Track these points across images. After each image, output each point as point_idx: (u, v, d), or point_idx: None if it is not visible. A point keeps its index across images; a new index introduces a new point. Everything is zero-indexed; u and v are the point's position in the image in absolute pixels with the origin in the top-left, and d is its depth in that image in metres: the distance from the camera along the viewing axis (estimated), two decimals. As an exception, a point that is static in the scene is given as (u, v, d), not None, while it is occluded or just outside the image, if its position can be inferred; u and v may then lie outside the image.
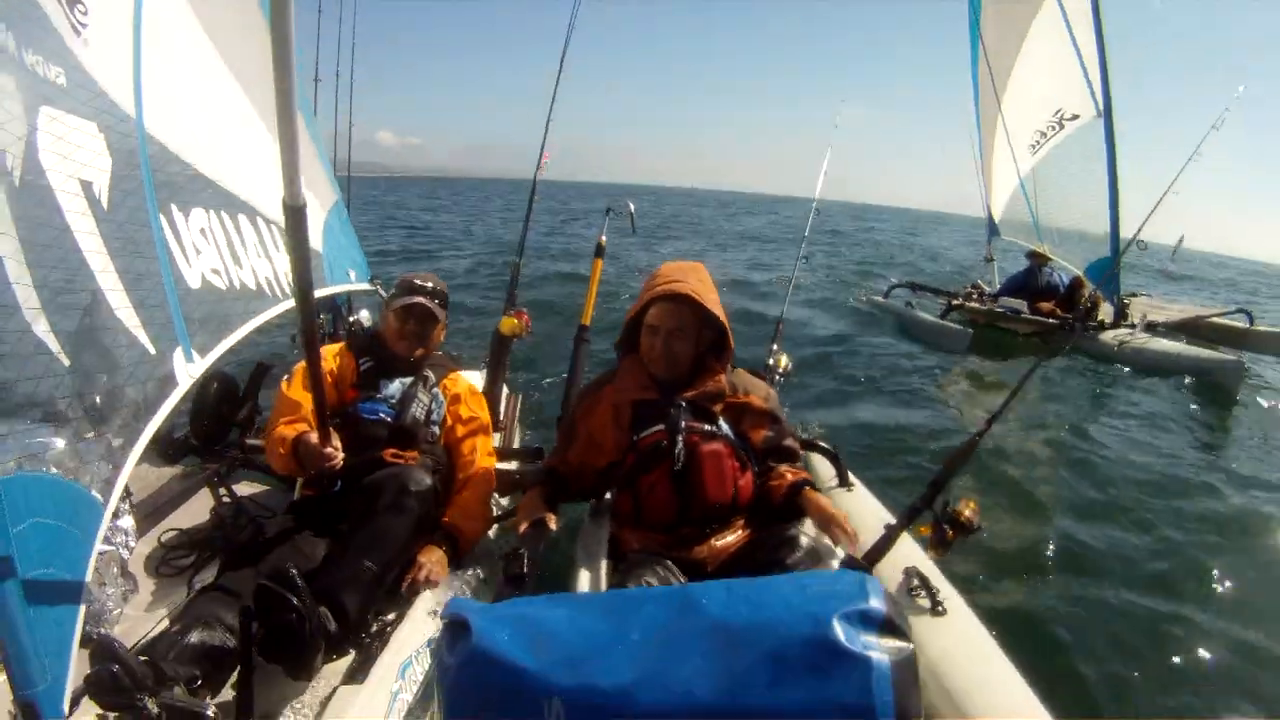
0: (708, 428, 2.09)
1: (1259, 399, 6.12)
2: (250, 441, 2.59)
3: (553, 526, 2.06)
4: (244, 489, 2.50)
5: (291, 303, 2.31)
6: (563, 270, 11.08)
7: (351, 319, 3.13)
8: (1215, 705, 2.37)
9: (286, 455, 2.05)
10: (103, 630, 1.66)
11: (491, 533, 2.40)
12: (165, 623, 1.83)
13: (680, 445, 2.02)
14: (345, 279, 2.82)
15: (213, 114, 2.14)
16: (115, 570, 1.83)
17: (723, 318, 2.11)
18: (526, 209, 3.37)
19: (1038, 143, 8.01)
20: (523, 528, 2.11)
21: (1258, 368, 7.00)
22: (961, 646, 1.68)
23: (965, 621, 1.80)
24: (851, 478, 2.63)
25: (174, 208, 1.87)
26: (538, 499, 2.18)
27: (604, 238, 3.05)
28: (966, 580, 2.76)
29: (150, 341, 1.65)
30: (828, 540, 1.97)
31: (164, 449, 2.47)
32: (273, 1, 1.07)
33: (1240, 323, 7.63)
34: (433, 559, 2.03)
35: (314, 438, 1.93)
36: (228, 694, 1.59)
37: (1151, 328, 7.17)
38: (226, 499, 2.35)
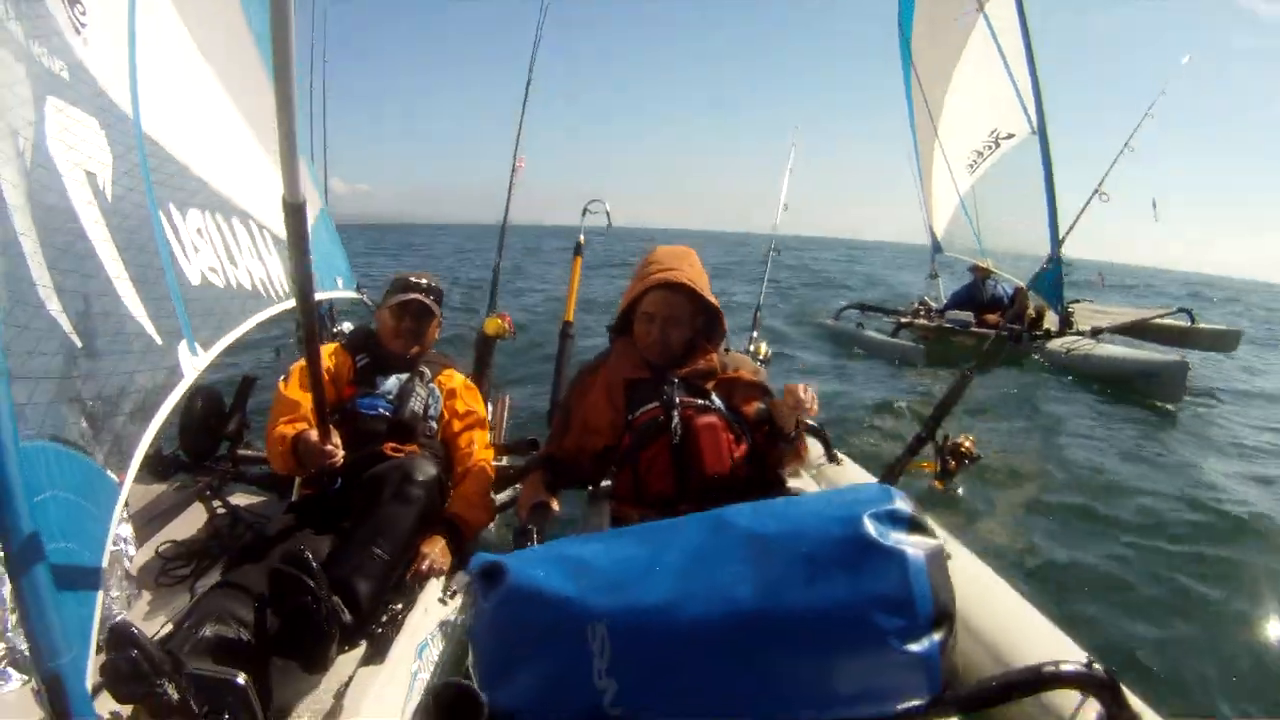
0: (701, 402, 2.14)
1: (1200, 396, 6.64)
2: (242, 453, 2.56)
3: (555, 508, 2.07)
4: (237, 500, 2.46)
5: (287, 304, 2.32)
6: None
7: (335, 329, 3.12)
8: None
9: (286, 454, 2.04)
10: (118, 617, 1.61)
11: (492, 526, 2.39)
12: (170, 627, 1.79)
13: (676, 419, 2.06)
14: (333, 285, 2.83)
15: (204, 120, 2.16)
16: (120, 572, 1.78)
17: (715, 303, 2.17)
18: (504, 213, 3.45)
19: (975, 162, 8.30)
20: (524, 513, 2.13)
21: (1201, 367, 7.45)
22: (975, 587, 1.73)
23: (974, 565, 1.86)
24: (839, 454, 2.69)
25: (172, 206, 1.88)
26: (538, 484, 2.19)
27: (583, 237, 3.14)
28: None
29: (156, 332, 1.65)
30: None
31: (154, 466, 2.42)
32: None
33: (1182, 321, 8.03)
34: (436, 549, 2.04)
35: (313, 435, 1.94)
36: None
37: (1098, 333, 7.44)
38: (221, 510, 2.31)
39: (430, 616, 1.85)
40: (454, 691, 0.82)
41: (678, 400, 2.09)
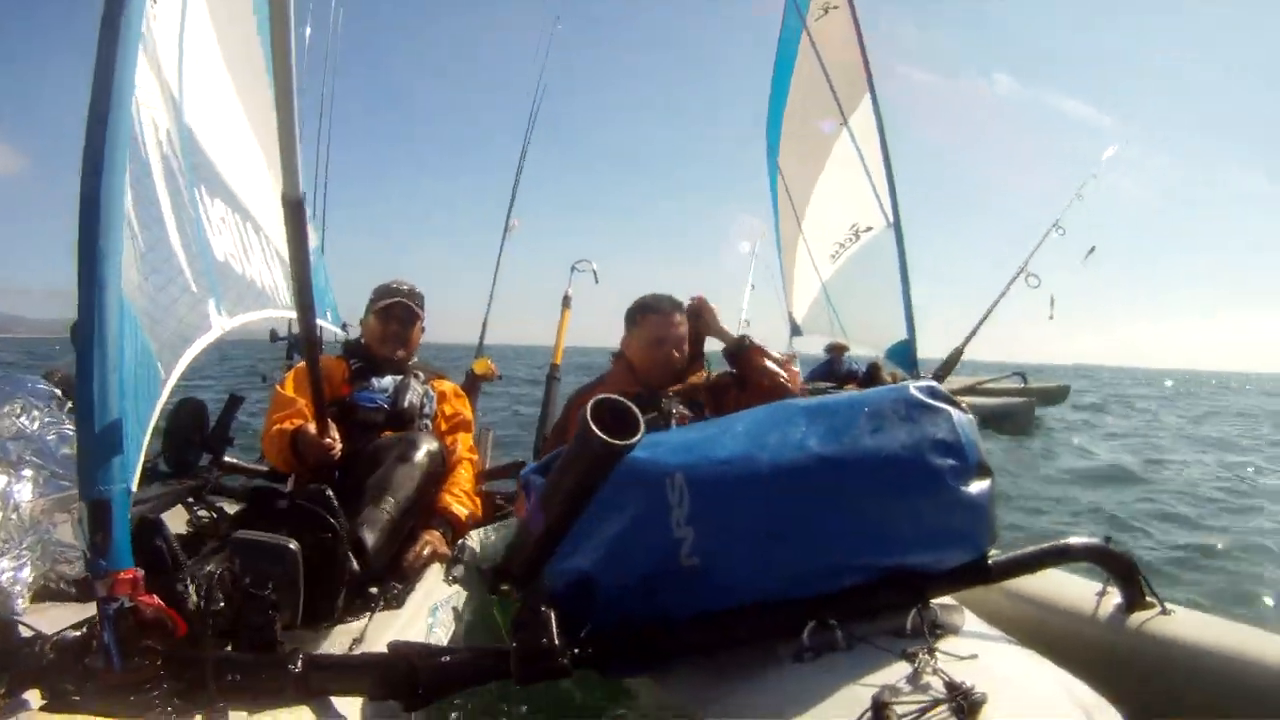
0: (692, 415, 2.23)
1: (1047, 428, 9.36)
2: (228, 460, 2.42)
3: None
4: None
5: (289, 312, 2.32)
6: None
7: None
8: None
9: (286, 449, 2.02)
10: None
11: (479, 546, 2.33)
12: None
13: (675, 427, 2.14)
14: (322, 315, 2.81)
15: (225, 123, 2.24)
16: None
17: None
18: (497, 259, 3.65)
19: (837, 253, 9.32)
20: (524, 514, 2.11)
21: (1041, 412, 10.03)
22: None
23: None
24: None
25: (203, 189, 1.93)
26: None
27: (570, 290, 3.32)
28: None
29: (191, 279, 1.65)
30: None
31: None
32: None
33: (1016, 383, 9.48)
34: (433, 537, 2.02)
35: (312, 428, 1.93)
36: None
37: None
38: (204, 514, 2.16)
39: (439, 589, 1.82)
40: (610, 404, 0.85)
41: (674, 410, 2.18)
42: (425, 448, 1.99)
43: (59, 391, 1.81)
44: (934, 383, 1.32)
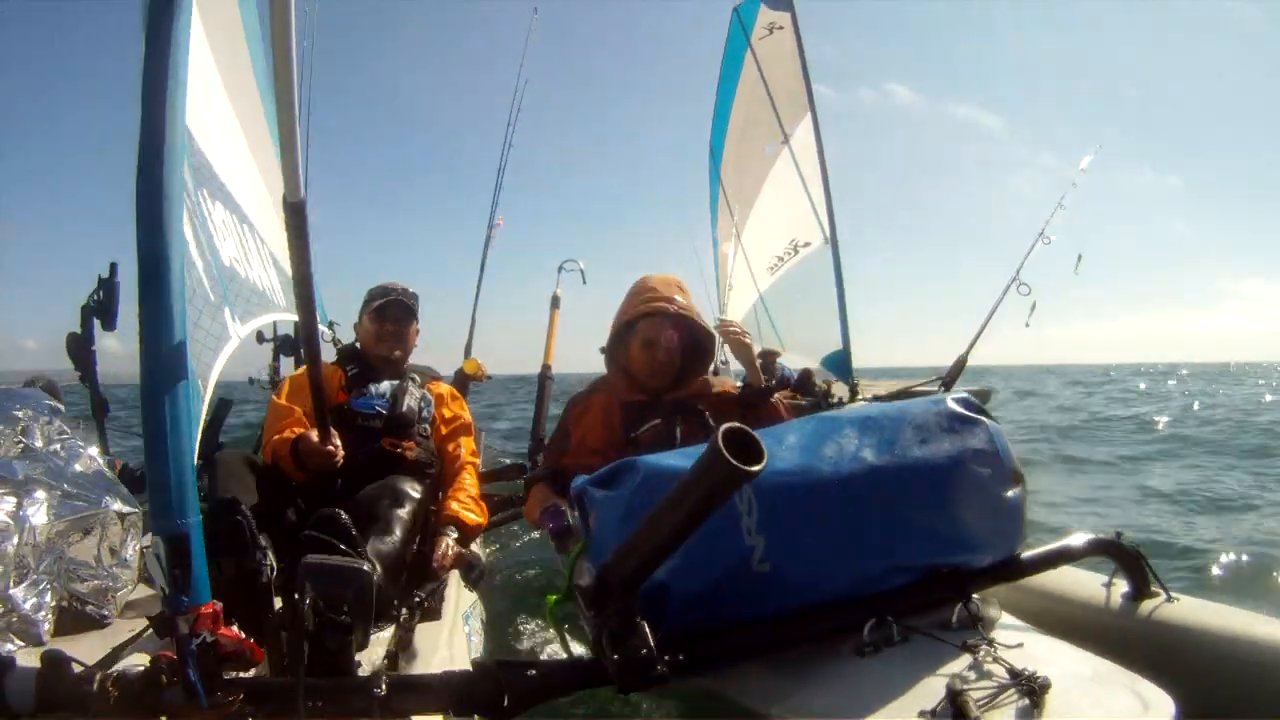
0: (697, 422, 2.28)
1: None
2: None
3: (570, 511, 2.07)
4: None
5: (287, 315, 2.24)
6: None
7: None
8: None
9: (287, 458, 1.98)
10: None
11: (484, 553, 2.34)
12: None
13: (679, 439, 2.18)
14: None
15: (217, 123, 2.14)
16: (134, 543, 1.58)
17: (710, 329, 2.29)
18: (481, 262, 3.58)
19: (776, 266, 9.72)
20: (535, 516, 2.12)
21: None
22: None
23: None
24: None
25: (205, 192, 1.85)
26: (547, 491, 2.18)
27: (559, 290, 3.30)
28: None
29: (210, 289, 1.59)
30: None
31: (125, 481, 2.16)
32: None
33: (937, 389, 9.73)
34: (447, 544, 2.02)
35: (314, 436, 1.90)
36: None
37: (878, 399, 8.87)
38: None
39: (463, 596, 1.84)
40: (738, 433, 0.88)
41: (678, 418, 2.21)
42: (411, 490, 1.99)
43: (60, 406, 1.72)
44: (969, 396, 1.41)
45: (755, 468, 0.88)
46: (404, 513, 1.90)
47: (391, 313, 2.36)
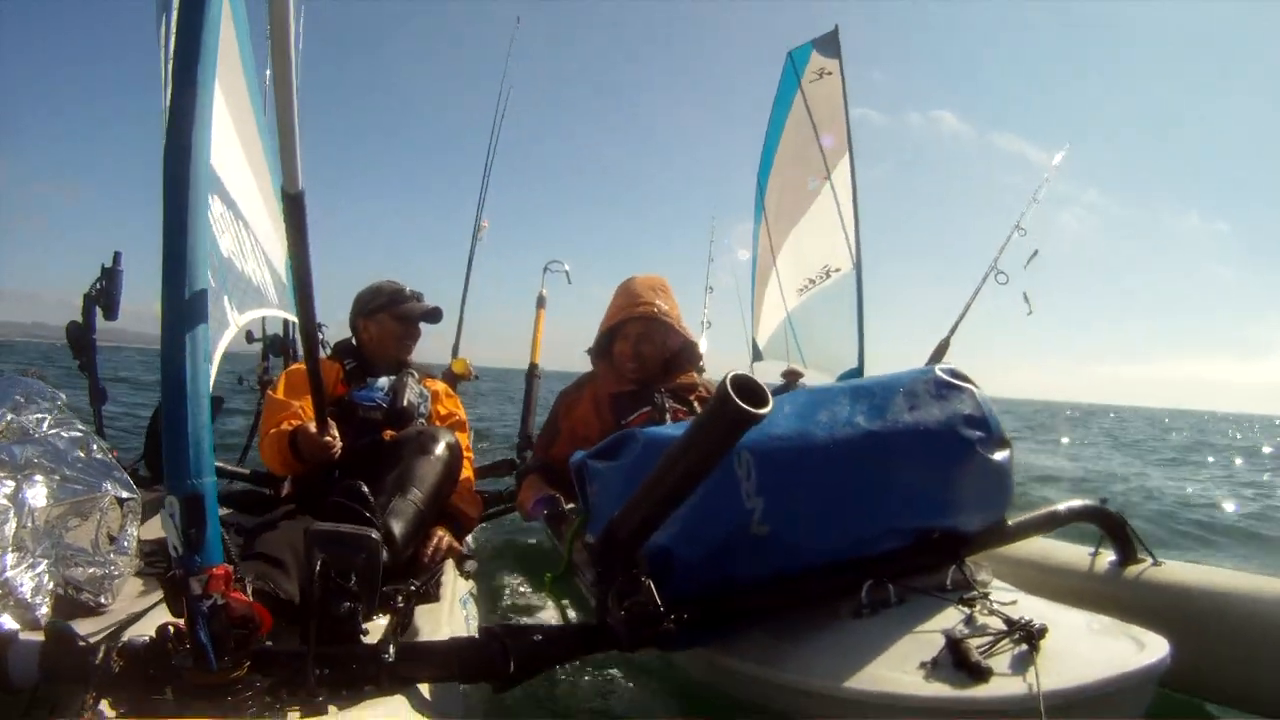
0: (687, 408, 2.31)
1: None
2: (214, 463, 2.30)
3: (563, 500, 2.09)
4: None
5: (280, 312, 2.24)
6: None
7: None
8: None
9: (285, 450, 1.95)
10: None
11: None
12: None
13: (669, 422, 2.21)
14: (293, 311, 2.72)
15: (214, 118, 2.16)
16: (132, 529, 1.57)
17: (688, 333, 2.35)
18: (468, 263, 3.60)
19: (806, 287, 10.43)
20: (528, 508, 2.14)
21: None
22: None
23: None
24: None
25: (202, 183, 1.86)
26: (539, 483, 2.21)
27: (545, 290, 3.33)
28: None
29: (211, 275, 1.59)
30: None
31: None
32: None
33: None
34: (444, 533, 2.00)
35: (312, 427, 1.89)
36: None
37: None
38: None
39: (460, 583, 1.81)
40: (744, 380, 0.91)
41: (668, 405, 2.25)
42: (444, 441, 1.96)
43: (62, 397, 1.70)
44: (953, 366, 1.44)
45: (762, 410, 0.90)
46: (432, 465, 1.91)
47: (429, 318, 2.38)
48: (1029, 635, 1.02)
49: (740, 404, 0.88)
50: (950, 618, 1.15)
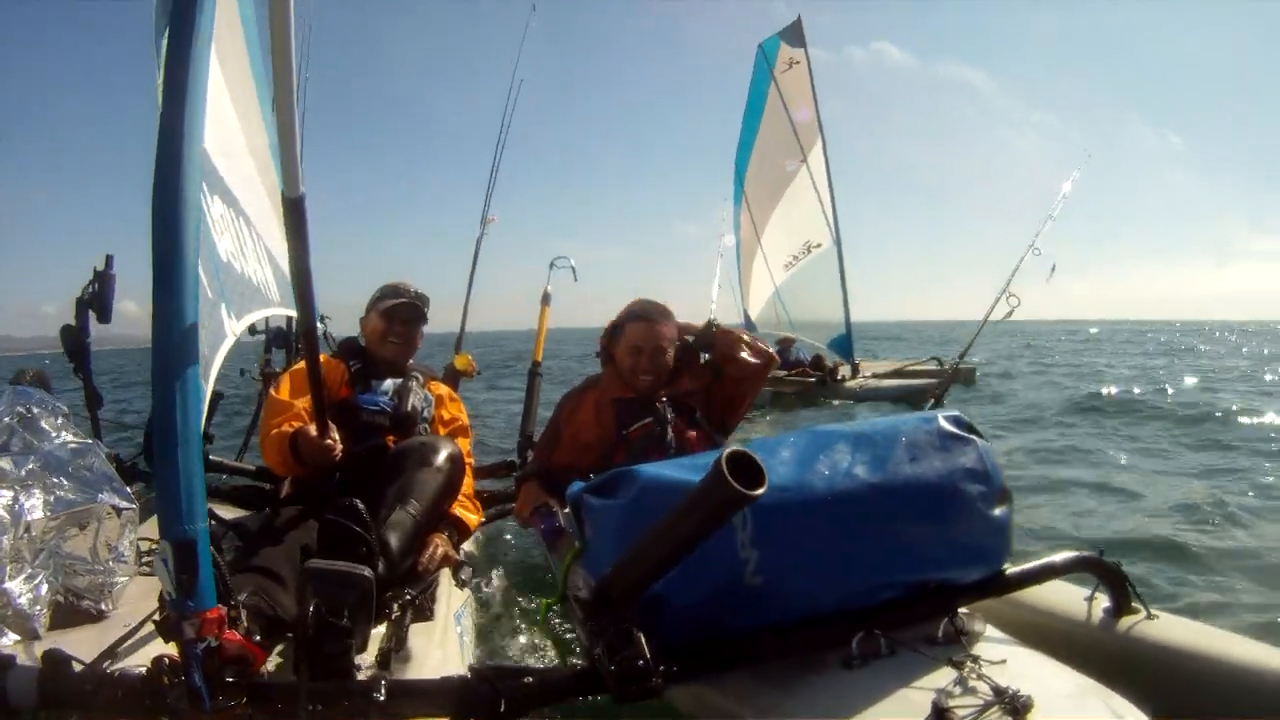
0: (688, 420, 2.30)
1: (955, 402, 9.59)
2: (211, 458, 2.32)
3: (559, 508, 2.09)
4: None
5: (283, 309, 2.23)
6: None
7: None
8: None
9: (286, 452, 1.95)
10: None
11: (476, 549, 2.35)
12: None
13: (670, 434, 2.21)
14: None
15: (216, 113, 2.11)
16: (130, 537, 1.58)
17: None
18: (472, 262, 3.55)
19: (791, 263, 11.38)
20: (526, 515, 2.15)
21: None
22: None
23: None
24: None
25: (204, 185, 1.83)
26: (537, 490, 2.21)
27: (549, 287, 3.31)
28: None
29: (208, 285, 1.57)
30: None
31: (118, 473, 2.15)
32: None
33: (932, 365, 10.60)
34: (441, 540, 2.02)
35: (312, 430, 1.89)
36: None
37: (878, 376, 10.13)
38: None
39: (455, 595, 1.83)
40: (740, 457, 0.90)
41: (669, 415, 2.24)
42: (445, 452, 1.97)
43: (64, 410, 1.71)
44: (959, 414, 1.43)
45: (756, 491, 0.90)
46: (432, 477, 1.93)
47: (401, 314, 2.34)
48: (1015, 709, 1.03)
49: (735, 486, 0.87)
50: (940, 678, 1.16)
